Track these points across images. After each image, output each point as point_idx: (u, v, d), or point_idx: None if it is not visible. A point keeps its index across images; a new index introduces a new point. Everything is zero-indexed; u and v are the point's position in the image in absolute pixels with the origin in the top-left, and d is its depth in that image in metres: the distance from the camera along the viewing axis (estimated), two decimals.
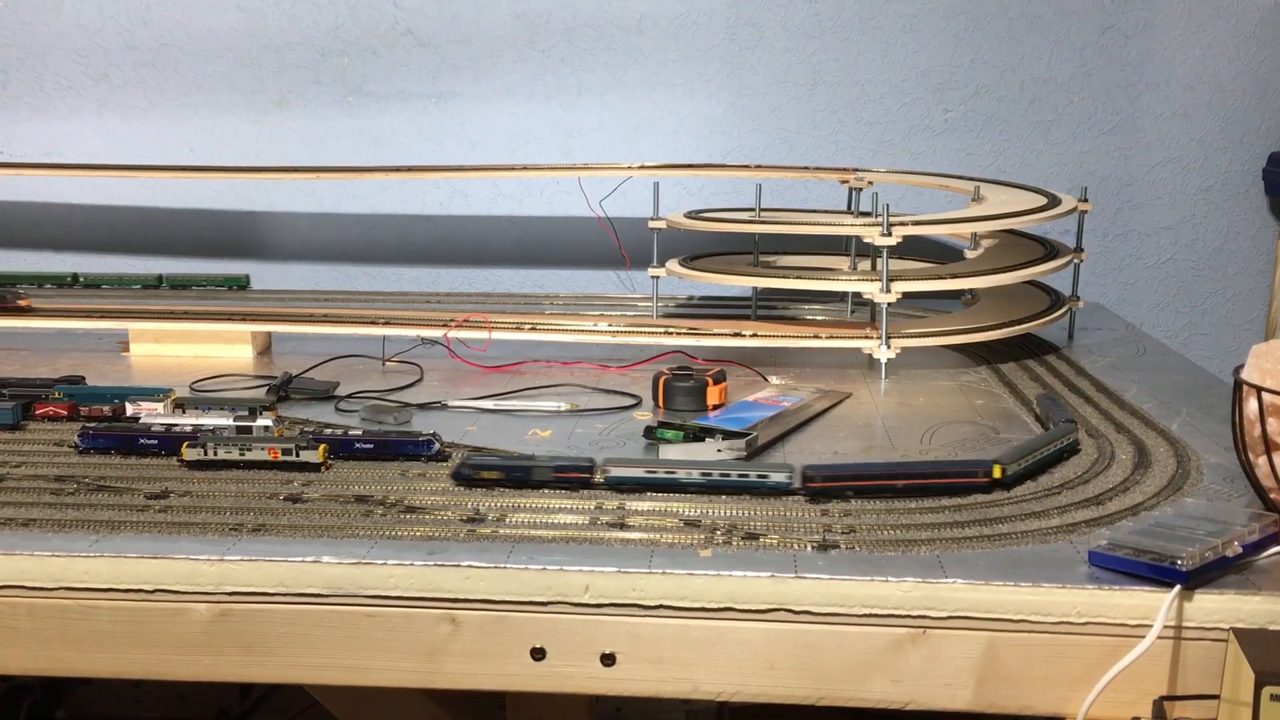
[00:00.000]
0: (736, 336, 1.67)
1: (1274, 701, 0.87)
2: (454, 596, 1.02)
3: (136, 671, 1.06)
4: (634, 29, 2.14)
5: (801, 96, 2.15)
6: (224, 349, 1.75)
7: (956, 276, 1.67)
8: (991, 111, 2.14)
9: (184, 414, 1.38)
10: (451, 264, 2.26)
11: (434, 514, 1.12)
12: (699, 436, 1.29)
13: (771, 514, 1.12)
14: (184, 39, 2.19)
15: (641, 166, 1.96)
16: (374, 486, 1.20)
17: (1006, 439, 1.34)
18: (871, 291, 1.62)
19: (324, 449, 1.24)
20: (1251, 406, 1.08)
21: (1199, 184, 2.16)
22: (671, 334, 1.70)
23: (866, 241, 1.62)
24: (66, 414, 1.41)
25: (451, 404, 1.49)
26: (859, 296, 1.86)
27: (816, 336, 1.67)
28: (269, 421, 1.34)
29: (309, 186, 2.24)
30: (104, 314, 1.80)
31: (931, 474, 1.18)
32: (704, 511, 1.13)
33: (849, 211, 1.96)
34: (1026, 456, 1.21)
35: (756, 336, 1.66)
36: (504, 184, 2.22)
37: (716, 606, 1.00)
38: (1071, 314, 1.83)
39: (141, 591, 1.04)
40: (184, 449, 1.24)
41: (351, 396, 1.53)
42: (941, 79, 2.14)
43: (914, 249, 1.89)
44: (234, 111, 2.21)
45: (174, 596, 1.04)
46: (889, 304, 1.60)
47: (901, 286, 1.61)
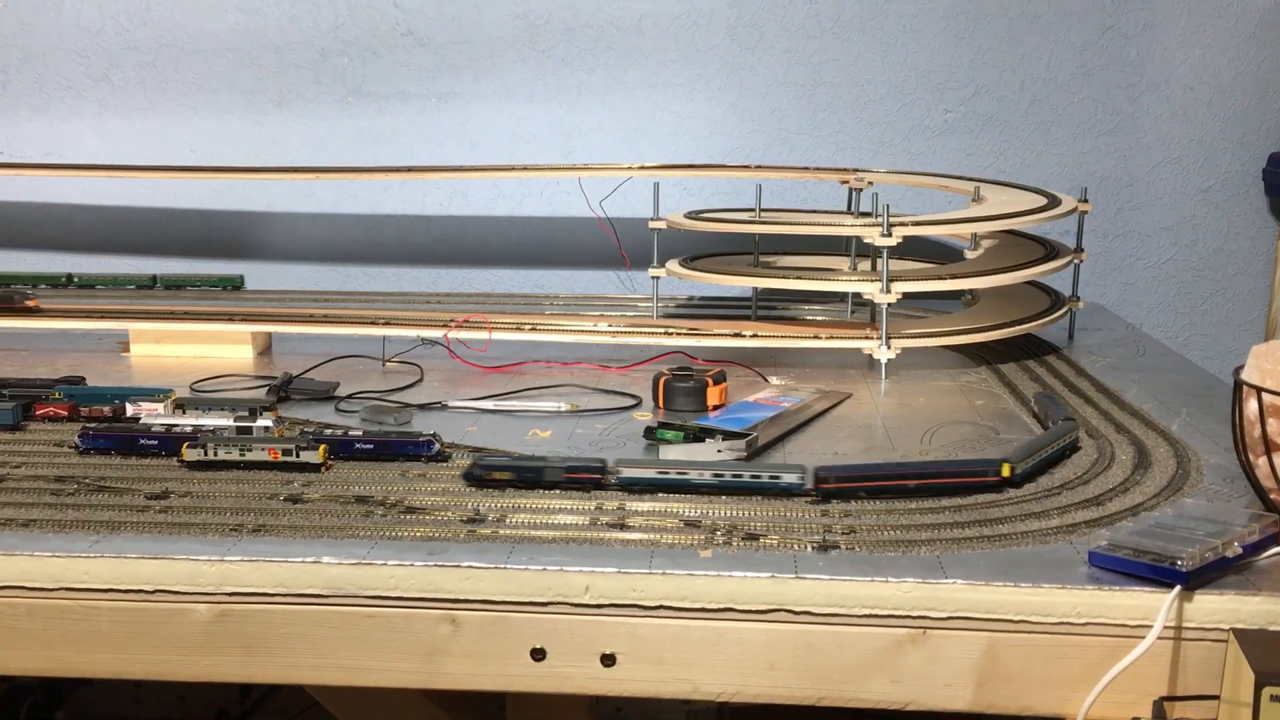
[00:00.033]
0: (737, 337, 1.67)
1: (1274, 702, 0.87)
2: (454, 597, 1.02)
3: (137, 672, 1.06)
4: (634, 29, 2.14)
5: (802, 97, 2.15)
6: (224, 349, 1.75)
7: (956, 277, 1.67)
8: (991, 112, 2.14)
9: (184, 414, 1.38)
10: (452, 264, 2.26)
11: (434, 514, 1.12)
12: (699, 437, 1.29)
13: (772, 514, 1.12)
14: (184, 39, 2.19)
15: (642, 167, 1.96)
16: (374, 487, 1.20)
17: (1007, 439, 1.34)
18: (871, 292, 1.62)
19: (324, 449, 1.25)
20: (1251, 407, 1.08)
21: (1199, 184, 2.16)
22: (672, 334, 1.70)
23: (866, 242, 1.62)
24: (67, 414, 1.41)
25: (452, 404, 1.49)
26: (859, 297, 1.86)
27: (816, 337, 1.67)
28: (269, 422, 1.34)
29: (309, 187, 2.24)
30: (104, 314, 1.80)
31: (942, 474, 1.18)
32: (704, 512, 1.13)
33: (849, 212, 1.96)
34: (1034, 455, 1.22)
35: (757, 337, 1.67)
36: (504, 184, 2.22)
37: (717, 607, 1.00)
38: (1071, 314, 1.83)
39: (142, 592, 1.04)
40: (184, 449, 1.24)
41: (352, 397, 1.53)
42: (941, 79, 2.14)
43: (914, 249, 1.89)
44: (234, 112, 2.21)
45: (174, 597, 1.04)
46: (889, 304, 1.60)
47: (901, 287, 1.61)
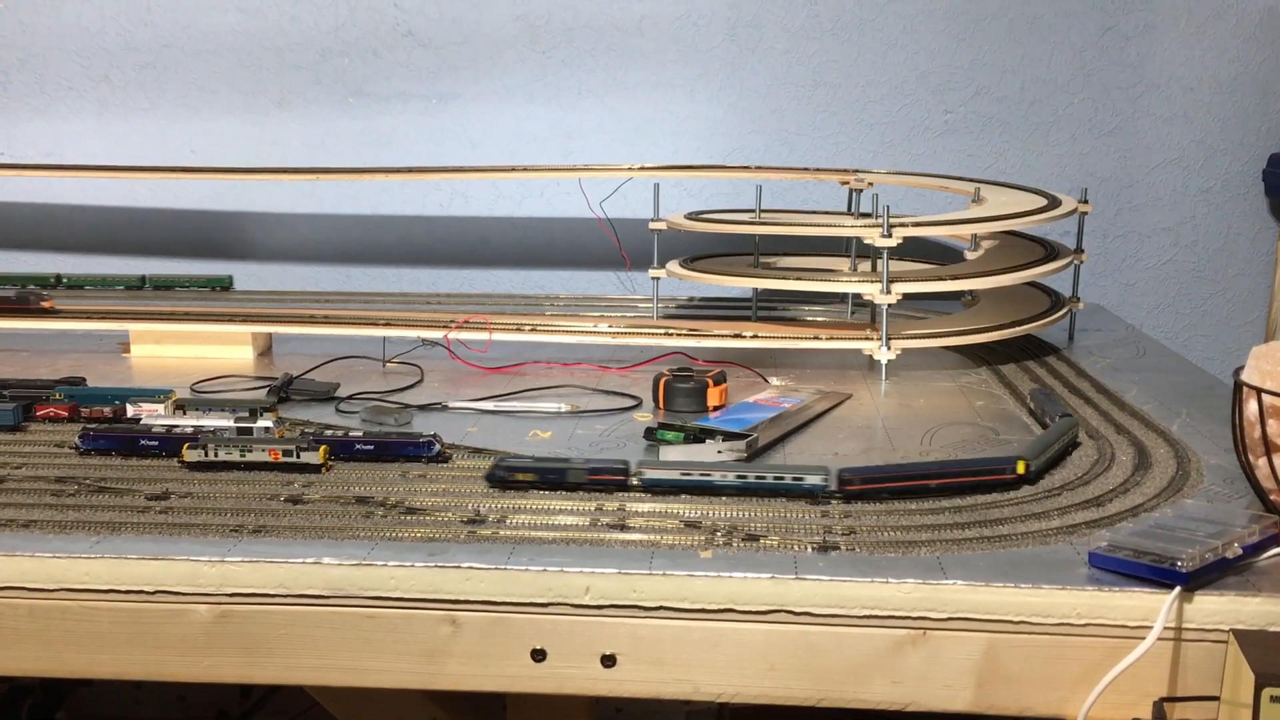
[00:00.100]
0: (737, 338, 1.67)
1: (1274, 703, 0.87)
2: (454, 598, 1.02)
3: (137, 672, 1.06)
4: (634, 30, 2.14)
5: (802, 98, 2.15)
6: (224, 350, 1.75)
7: (957, 278, 1.67)
8: (992, 113, 2.14)
9: (185, 415, 1.38)
10: (452, 265, 2.26)
11: (434, 515, 1.13)
12: (699, 438, 1.29)
13: (772, 515, 1.12)
14: (184, 40, 2.19)
15: (642, 168, 1.96)
16: (374, 488, 1.20)
17: (1007, 440, 1.34)
18: (872, 293, 1.62)
19: (325, 450, 1.25)
20: (1251, 408, 1.08)
21: (1199, 185, 2.16)
22: (672, 335, 1.70)
23: (867, 243, 1.62)
24: (67, 415, 1.41)
25: (452, 405, 1.49)
26: (859, 298, 1.86)
27: (817, 338, 1.67)
28: (269, 423, 1.34)
29: (310, 187, 2.24)
30: (104, 315, 1.80)
31: (961, 472, 1.18)
32: (704, 513, 1.13)
33: (849, 213, 1.96)
34: (1045, 451, 1.23)
35: (757, 338, 1.66)
36: (504, 185, 2.22)
37: (717, 608, 1.00)
38: (1072, 315, 1.83)
39: (142, 593, 1.04)
40: (185, 450, 1.25)
41: (352, 398, 1.53)
42: (942, 80, 2.14)
43: (914, 250, 1.89)
44: (234, 112, 2.21)
45: (175, 597, 1.04)
46: (889, 305, 1.60)
47: (902, 288, 1.61)
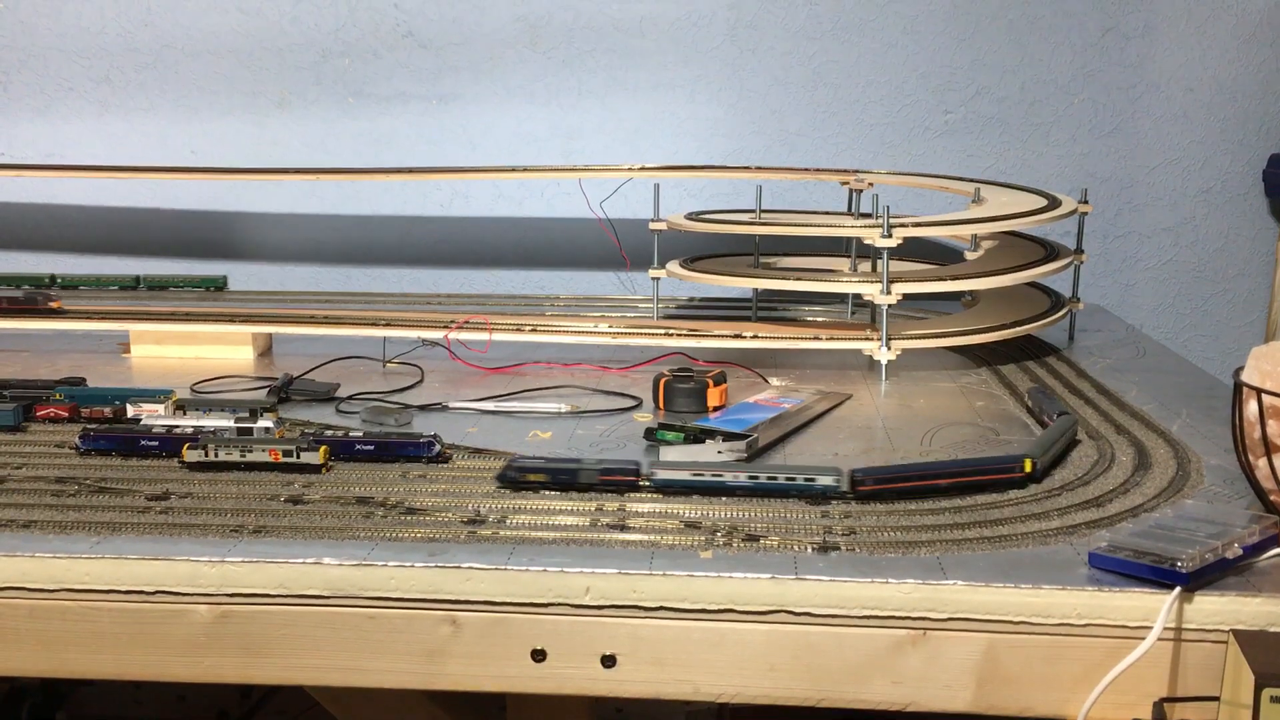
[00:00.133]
0: (737, 338, 1.67)
1: (1274, 703, 0.87)
2: (454, 598, 1.02)
3: (137, 673, 1.06)
4: (635, 31, 2.14)
5: (802, 98, 2.15)
6: (225, 350, 1.75)
7: (957, 278, 1.67)
8: (992, 113, 2.14)
9: (185, 415, 1.38)
10: (452, 265, 2.26)
11: (435, 516, 1.13)
12: (699, 438, 1.29)
13: (772, 515, 1.12)
14: (185, 41, 2.19)
15: (642, 168, 1.96)
16: (375, 488, 1.20)
17: (1007, 440, 1.34)
18: (872, 293, 1.62)
19: (325, 450, 1.25)
20: (1251, 408, 1.08)
21: (1199, 186, 2.16)
22: (672, 335, 1.70)
23: (867, 243, 1.62)
24: (67, 415, 1.41)
25: (452, 405, 1.49)
26: (859, 298, 1.86)
27: (817, 338, 1.67)
28: (270, 423, 1.34)
29: (310, 188, 2.24)
30: (105, 315, 1.80)
31: (971, 471, 1.19)
32: (704, 513, 1.13)
33: (849, 213, 1.96)
34: (1049, 450, 1.23)
35: (757, 338, 1.66)
36: (505, 185, 2.22)
37: (717, 608, 1.00)
38: (1072, 315, 1.83)
39: (142, 593, 1.04)
40: (185, 450, 1.25)
41: (352, 398, 1.53)
42: (942, 81, 2.14)
43: (914, 250, 1.89)
44: (235, 113, 2.21)
45: (175, 598, 1.04)
46: (889, 305, 1.60)
47: (902, 288, 1.61)
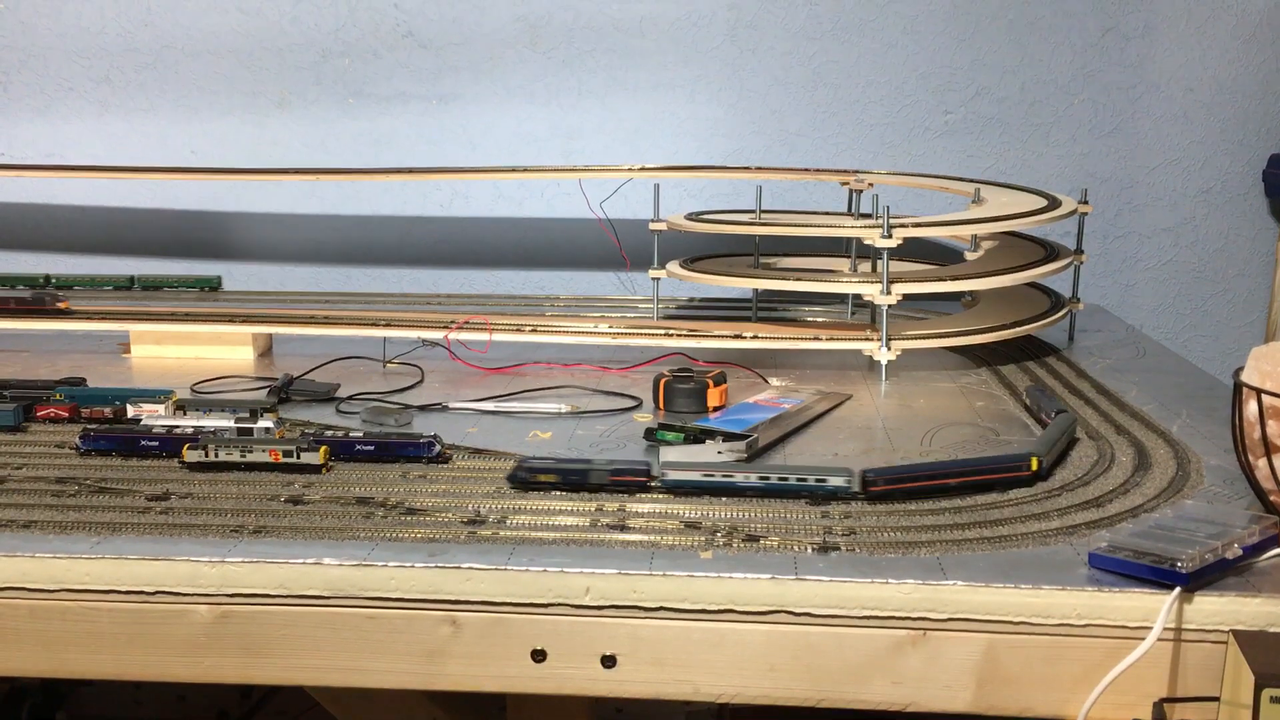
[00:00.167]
0: (737, 338, 1.67)
1: (1274, 704, 0.87)
2: (455, 598, 1.02)
3: (137, 673, 1.06)
4: (635, 31, 2.14)
5: (802, 98, 2.15)
6: (225, 351, 1.75)
7: (957, 278, 1.67)
8: (992, 113, 2.14)
9: (185, 416, 1.38)
10: (452, 265, 2.26)
11: (435, 516, 1.13)
12: (699, 438, 1.29)
13: (771, 516, 1.12)
14: (185, 41, 2.19)
15: (642, 168, 1.96)
16: (375, 488, 1.20)
17: (1007, 440, 1.34)
18: (872, 293, 1.62)
19: (325, 451, 1.25)
20: (1251, 409, 1.08)
21: (1199, 186, 2.16)
22: (672, 335, 1.70)
23: (867, 243, 1.62)
24: (68, 416, 1.41)
25: (452, 406, 1.49)
26: (859, 298, 1.86)
27: (817, 338, 1.67)
28: (270, 423, 1.34)
29: (310, 188, 2.24)
30: (105, 315, 1.80)
31: (980, 470, 1.19)
32: (704, 513, 1.13)
33: (849, 213, 1.96)
34: (1053, 447, 1.24)
35: (757, 338, 1.66)
36: (505, 186, 2.22)
37: (717, 608, 1.00)
38: (1072, 316, 1.83)
39: (142, 593, 1.04)
40: (185, 451, 1.25)
41: (352, 398, 1.53)
42: (942, 81, 2.14)
43: (914, 251, 1.89)
44: (235, 113, 2.21)
45: (175, 598, 1.04)
46: (889, 306, 1.60)
47: (902, 288, 1.61)
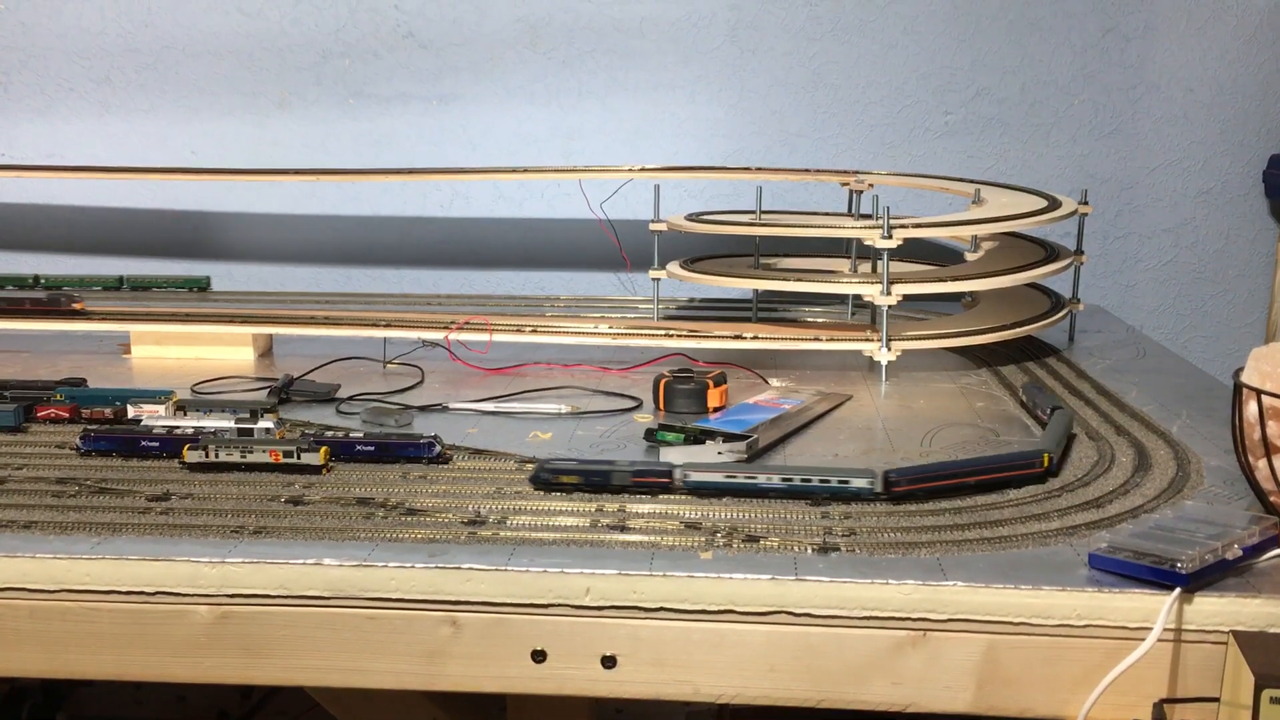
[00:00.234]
0: (737, 339, 1.67)
1: (1274, 704, 0.87)
2: (455, 599, 1.02)
3: (138, 673, 1.06)
4: (635, 31, 2.14)
5: (802, 99, 2.15)
6: (225, 351, 1.75)
7: (957, 279, 1.67)
8: (992, 114, 2.14)
9: (185, 416, 1.38)
10: (452, 266, 2.26)
11: (435, 516, 1.13)
12: (699, 439, 1.29)
13: (771, 516, 1.12)
14: (185, 41, 2.19)
15: (642, 169, 1.96)
16: (375, 489, 1.20)
17: (1007, 441, 1.34)
18: (872, 294, 1.62)
19: (325, 451, 1.25)
20: (1251, 409, 1.08)
21: (1199, 186, 2.16)
22: (672, 336, 1.70)
23: (867, 244, 1.62)
24: (68, 416, 1.41)
25: (452, 406, 1.49)
26: (859, 299, 1.86)
27: (817, 339, 1.67)
28: (270, 424, 1.34)
29: (310, 188, 2.24)
30: (106, 316, 1.80)
31: (997, 468, 1.19)
32: (704, 514, 1.13)
33: (849, 214, 1.97)
34: (1060, 444, 1.25)
35: (757, 339, 1.67)
36: (505, 186, 2.22)
37: (717, 609, 1.00)
38: (1072, 316, 1.83)
39: (143, 594, 1.04)
40: (185, 451, 1.25)
41: (353, 399, 1.53)
42: (942, 81, 2.14)
43: (914, 251, 1.89)
44: (235, 114, 2.21)
45: (175, 598, 1.04)
46: (889, 306, 1.60)
47: (902, 289, 1.61)
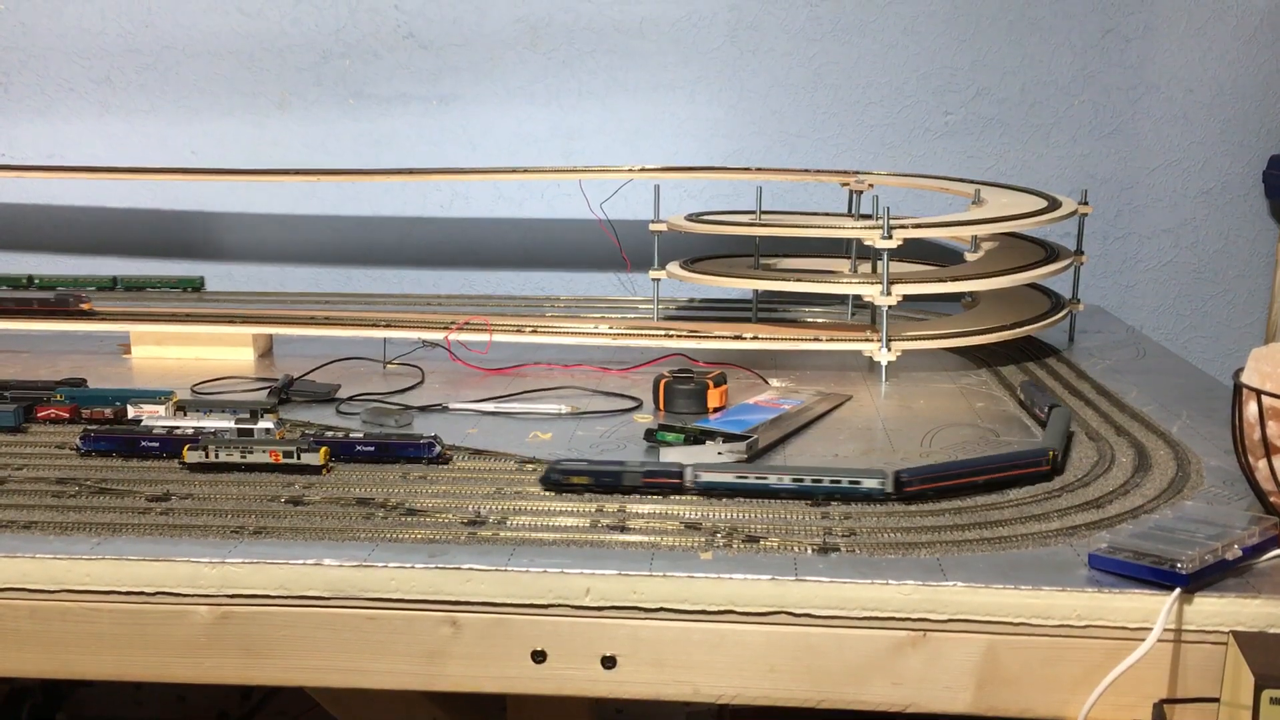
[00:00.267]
0: (737, 339, 1.67)
1: (1274, 705, 0.87)
2: (455, 599, 1.02)
3: (138, 674, 1.06)
4: (635, 32, 2.14)
5: (802, 99, 2.15)
6: (225, 351, 1.75)
7: (957, 279, 1.67)
8: (992, 114, 2.14)
9: (185, 416, 1.39)
10: (452, 266, 2.26)
11: (435, 517, 1.13)
12: (699, 439, 1.29)
13: (771, 517, 1.12)
14: (185, 42, 2.19)
15: (642, 169, 1.96)
16: (375, 489, 1.20)
17: (1007, 441, 1.34)
18: (872, 294, 1.62)
19: (325, 451, 1.25)
20: (1251, 410, 1.08)
21: (1199, 187, 2.16)
22: (672, 336, 1.70)
23: (867, 244, 1.62)
24: (68, 416, 1.41)
25: (452, 407, 1.49)
26: (859, 299, 1.86)
27: (817, 339, 1.67)
28: (270, 424, 1.34)
29: (310, 189, 2.24)
30: (106, 316, 1.80)
31: (1007, 466, 1.20)
32: (704, 514, 1.13)
33: (850, 214, 1.97)
34: (1063, 441, 1.26)
35: (757, 339, 1.67)
36: (505, 186, 2.22)
37: (717, 609, 1.00)
38: (1072, 317, 1.83)
39: (143, 594, 1.04)
40: (185, 451, 1.25)
41: (353, 399, 1.53)
42: (942, 82, 2.14)
43: (914, 251, 1.89)
44: (235, 114, 2.21)
45: (175, 599, 1.04)
46: (889, 306, 1.60)
47: (902, 289, 1.61)
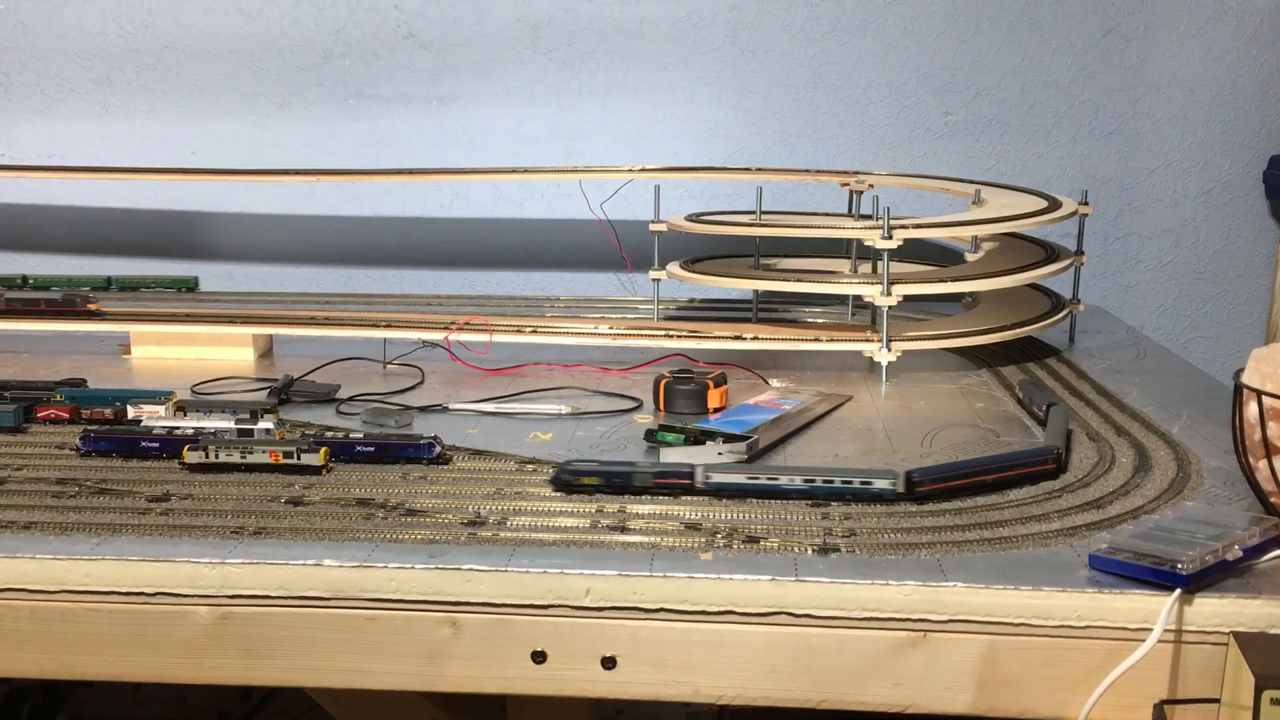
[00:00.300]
0: (737, 339, 1.67)
1: (1274, 705, 0.87)
2: (455, 599, 1.02)
3: (138, 674, 1.06)
4: (635, 32, 2.14)
5: (802, 99, 2.15)
6: (225, 352, 1.75)
7: (957, 279, 1.67)
8: (992, 114, 2.14)
9: (185, 417, 1.38)
10: (452, 266, 2.26)
11: (435, 517, 1.13)
12: (700, 439, 1.29)
13: (771, 517, 1.12)
14: (186, 42, 2.19)
15: (642, 169, 1.96)
16: (375, 489, 1.20)
17: (1007, 442, 1.34)
18: (872, 294, 1.62)
19: (325, 452, 1.25)
20: (1252, 410, 1.08)
21: (1199, 187, 2.16)
22: (672, 337, 1.70)
23: (867, 244, 1.62)
24: (68, 417, 1.41)
25: (452, 407, 1.49)
26: (860, 299, 1.86)
27: (817, 339, 1.67)
28: (270, 424, 1.34)
29: (310, 189, 2.24)
30: (105, 316, 1.80)
31: (1015, 464, 1.20)
32: (705, 515, 1.13)
33: (850, 214, 1.97)
34: (1064, 439, 1.26)
35: (757, 339, 1.66)
36: (505, 187, 2.22)
37: (717, 610, 1.00)
38: (1072, 317, 1.83)
39: (143, 594, 1.04)
40: (185, 452, 1.25)
41: (353, 399, 1.53)
42: (942, 82, 2.14)
43: (915, 252, 1.89)
44: (235, 114, 2.21)
45: (175, 599, 1.04)
46: (889, 307, 1.60)
47: (902, 289, 1.61)
